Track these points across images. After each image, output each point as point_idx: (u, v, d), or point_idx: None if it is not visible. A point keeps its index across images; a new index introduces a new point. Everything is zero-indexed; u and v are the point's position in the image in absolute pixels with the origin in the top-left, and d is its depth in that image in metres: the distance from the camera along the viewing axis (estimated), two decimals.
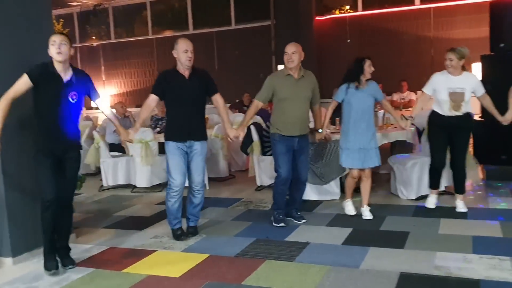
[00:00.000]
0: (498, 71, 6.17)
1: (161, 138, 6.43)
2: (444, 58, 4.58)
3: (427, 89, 4.72)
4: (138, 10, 13.59)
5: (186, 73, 4.10)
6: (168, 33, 13.36)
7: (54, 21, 14.41)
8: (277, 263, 3.59)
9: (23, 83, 3.36)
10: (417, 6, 10.65)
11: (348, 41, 11.16)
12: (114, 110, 5.70)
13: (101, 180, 6.84)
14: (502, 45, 6.19)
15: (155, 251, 4.00)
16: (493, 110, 4.65)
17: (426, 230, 4.22)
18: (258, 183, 6.26)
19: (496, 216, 4.51)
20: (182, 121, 4.11)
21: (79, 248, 4.10)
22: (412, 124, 5.30)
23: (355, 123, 4.50)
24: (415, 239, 4.00)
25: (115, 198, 6.21)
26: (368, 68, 4.48)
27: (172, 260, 3.77)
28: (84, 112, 4.13)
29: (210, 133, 6.51)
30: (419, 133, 5.86)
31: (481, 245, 3.75)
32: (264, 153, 6.17)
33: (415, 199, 5.25)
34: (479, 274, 3.20)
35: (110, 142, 7.14)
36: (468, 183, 5.67)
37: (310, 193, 5.46)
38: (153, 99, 4.14)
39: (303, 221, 4.60)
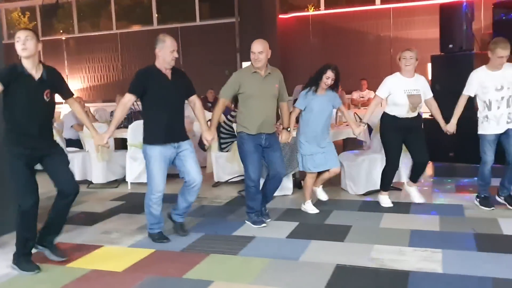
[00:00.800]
0: (447, 71, 6.43)
1: (124, 133, 6.47)
2: (399, 58, 4.63)
3: (382, 92, 4.73)
4: (102, 4, 13.45)
5: (168, 73, 3.97)
6: (133, 28, 13.27)
7: (20, 14, 14.19)
8: (221, 256, 3.68)
9: None
10: (378, 6, 10.90)
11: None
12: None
13: None
14: (450, 46, 6.45)
15: (101, 246, 4.03)
16: (438, 115, 4.80)
17: (368, 224, 4.38)
18: (215, 179, 6.34)
19: (436, 211, 4.71)
20: (169, 123, 3.96)
21: None
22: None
23: (316, 127, 4.62)
24: (356, 232, 4.15)
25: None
26: (326, 79, 4.55)
27: (118, 255, 3.82)
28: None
29: None
30: (370, 130, 6.05)
31: (417, 238, 3.92)
32: (221, 149, 6.24)
33: (363, 194, 5.43)
34: (410, 266, 3.36)
35: (67, 138, 7.10)
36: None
37: None
38: (130, 99, 3.95)
39: (269, 219, 4.58)
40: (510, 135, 4.48)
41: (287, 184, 5.64)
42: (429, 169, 6.52)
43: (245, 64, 10.94)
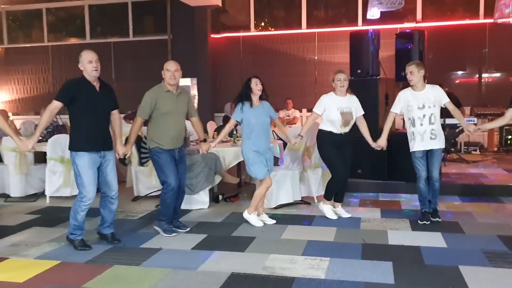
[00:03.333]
0: (356, 94, 6.95)
1: (44, 146, 6.47)
2: (333, 80, 5.12)
3: (318, 109, 5.15)
4: (34, 16, 13.24)
5: (96, 85, 4.20)
6: (65, 41, 13.14)
7: None
8: (123, 267, 3.86)
9: None
10: (304, 30, 11.49)
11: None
12: None
13: None
14: (359, 71, 6.99)
15: (7, 258, 4.10)
16: (366, 133, 5.28)
17: (271, 235, 4.71)
18: (135, 193, 6.48)
19: (335, 223, 5.12)
20: (95, 132, 4.19)
21: None
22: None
23: (258, 137, 4.90)
24: (258, 243, 4.46)
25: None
26: (255, 86, 4.86)
27: (22, 266, 3.90)
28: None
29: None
30: (285, 146, 6.43)
31: (311, 248, 4.28)
32: (141, 164, 6.41)
33: (274, 208, 5.77)
34: (298, 273, 3.69)
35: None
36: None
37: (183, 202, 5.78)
38: (57, 106, 4.13)
39: (188, 229, 4.87)
40: (433, 154, 5.00)
41: (203, 198, 5.89)
42: None
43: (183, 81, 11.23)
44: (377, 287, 3.42)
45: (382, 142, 5.20)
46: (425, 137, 4.95)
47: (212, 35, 11.79)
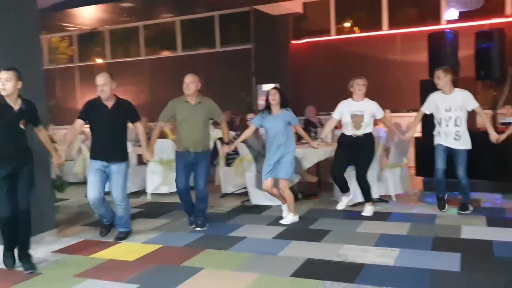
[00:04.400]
0: None
1: (139, 150, 7.38)
2: (352, 85, 5.56)
3: (335, 114, 5.68)
4: (132, 33, 14.58)
5: (108, 104, 4.74)
6: (158, 55, 14.34)
7: (60, 39, 15.50)
8: (214, 251, 4.46)
9: None
10: (385, 31, 11.60)
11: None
12: None
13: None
14: None
15: (119, 242, 4.88)
16: (393, 128, 5.83)
17: (346, 229, 5.08)
18: (223, 191, 7.14)
19: (412, 219, 5.36)
20: (101, 144, 4.75)
21: (60, 240, 5.01)
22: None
23: (271, 142, 5.33)
24: (334, 235, 4.86)
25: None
26: (270, 97, 5.33)
27: (132, 249, 4.64)
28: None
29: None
30: None
31: (384, 240, 4.60)
32: (228, 164, 7.05)
33: (352, 205, 6.09)
34: (368, 260, 4.05)
35: None
36: (403, 193, 6.57)
37: (264, 199, 6.32)
38: (78, 123, 4.79)
39: (204, 228, 5.24)
40: (457, 155, 5.46)
41: None
42: (419, 183, 7.13)
43: (260, 87, 11.84)
44: (442, 274, 3.68)
45: (406, 138, 5.86)
46: (449, 138, 5.42)
47: (293, 41, 12.28)
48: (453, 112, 5.37)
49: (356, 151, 5.55)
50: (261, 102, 11.62)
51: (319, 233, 4.94)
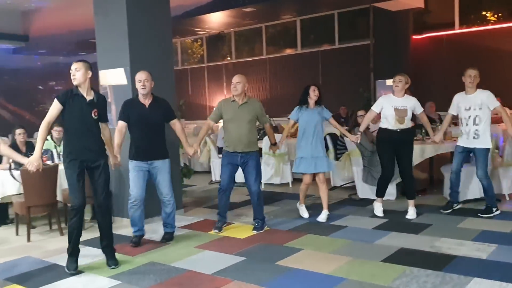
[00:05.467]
0: None
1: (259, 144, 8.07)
2: (393, 81, 5.66)
3: (375, 107, 5.73)
4: (255, 34, 15.50)
5: (146, 102, 4.73)
6: (279, 53, 15.05)
7: (191, 41, 17.06)
8: (315, 236, 4.91)
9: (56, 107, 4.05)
10: None
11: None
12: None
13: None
14: None
15: (233, 223, 5.58)
16: (428, 127, 5.85)
17: (447, 224, 5.17)
18: (332, 184, 7.51)
19: None
20: (142, 143, 4.72)
21: (185, 218, 5.84)
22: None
23: (306, 135, 5.50)
24: (433, 229, 5.00)
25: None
26: (312, 92, 5.53)
27: (243, 229, 5.29)
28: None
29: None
30: None
31: (483, 236, 4.64)
32: (337, 158, 7.41)
33: (461, 202, 6.07)
34: (461, 252, 4.17)
35: (220, 146, 8.94)
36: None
37: (371, 193, 6.56)
38: (121, 125, 4.75)
39: (261, 231, 5.18)
40: (476, 154, 5.53)
41: (390, 191, 6.54)
42: None
43: (379, 83, 11.87)
44: None
45: (437, 138, 5.76)
46: (470, 136, 5.47)
47: (414, 36, 12.10)
48: (472, 111, 5.44)
49: (398, 148, 5.59)
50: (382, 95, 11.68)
51: (420, 226, 5.11)
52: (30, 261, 4.51)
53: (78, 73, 4.02)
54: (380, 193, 5.82)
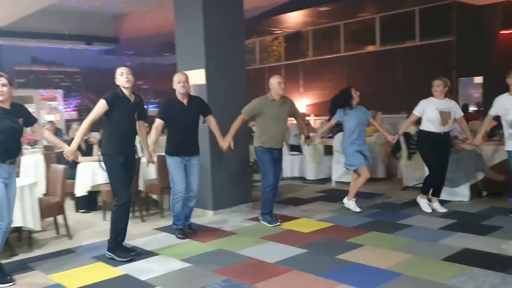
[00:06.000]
0: None
1: (329, 141, 8.22)
2: (432, 85, 5.82)
3: (416, 111, 5.83)
4: (333, 31, 15.49)
5: (184, 101, 5.00)
6: (357, 51, 14.92)
7: (271, 39, 17.43)
8: (378, 233, 4.98)
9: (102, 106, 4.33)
10: None
11: None
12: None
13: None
14: None
15: (299, 218, 5.78)
16: (467, 132, 5.87)
17: None
18: (404, 184, 7.45)
19: None
20: (181, 140, 4.97)
21: (253, 211, 6.14)
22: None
23: (356, 134, 5.83)
24: (504, 231, 4.86)
25: (288, 185, 8.17)
26: (355, 94, 5.86)
27: (308, 224, 5.48)
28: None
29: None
30: None
31: None
32: (409, 158, 7.34)
33: None
34: None
35: (291, 144, 9.16)
36: None
37: (444, 194, 6.41)
38: (159, 123, 5.01)
39: (278, 223, 5.47)
40: None
41: (463, 191, 6.40)
42: None
43: (461, 81, 11.43)
44: None
45: (477, 141, 5.75)
46: None
47: (502, 32, 11.51)
48: None
49: (440, 149, 5.70)
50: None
51: (488, 228, 4.99)
52: None
53: (130, 76, 4.37)
54: (425, 190, 5.95)
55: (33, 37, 13.49)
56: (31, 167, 7.58)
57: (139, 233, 5.34)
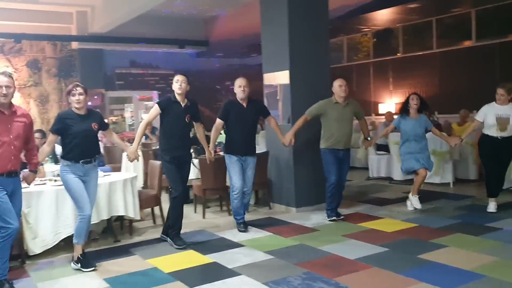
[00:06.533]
0: None
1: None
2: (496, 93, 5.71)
3: (478, 116, 5.87)
4: (424, 27, 14.96)
5: (244, 103, 5.34)
6: (451, 47, 14.29)
7: (360, 36, 17.24)
8: (464, 235, 4.88)
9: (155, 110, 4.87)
10: None
11: None
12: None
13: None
14: None
15: (383, 218, 5.80)
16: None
17: None
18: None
19: None
20: (238, 140, 5.31)
21: (340, 210, 6.08)
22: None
23: (409, 143, 5.98)
24: None
25: (375, 186, 8.15)
26: (412, 101, 5.99)
27: (392, 223, 5.49)
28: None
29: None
30: None
31: None
32: None
33: None
34: None
35: (378, 143, 9.08)
36: None
37: None
38: (219, 123, 5.41)
39: (342, 217, 5.75)
40: None
41: None
42: None
43: None
44: None
45: None
46: None
47: None
48: None
49: (499, 152, 5.71)
50: None
51: None
52: (204, 233, 5.41)
53: (184, 85, 4.80)
54: (491, 193, 5.89)
55: (132, 42, 14.55)
56: (131, 163, 8.24)
57: (227, 224, 5.69)
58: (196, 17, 13.88)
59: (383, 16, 13.32)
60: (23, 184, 4.12)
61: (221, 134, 6.40)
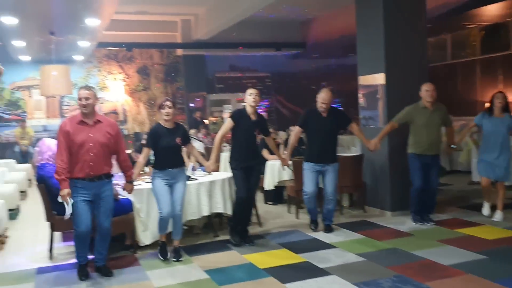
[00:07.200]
0: None
1: None
2: None
3: None
4: None
5: (324, 113, 5.39)
6: None
7: (463, 33, 16.33)
8: None
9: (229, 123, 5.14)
10: None
11: None
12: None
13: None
14: None
15: (483, 224, 5.57)
16: None
17: None
18: None
19: None
20: (318, 148, 5.39)
21: (436, 216, 5.96)
22: None
23: (489, 143, 5.70)
24: None
25: (476, 190, 7.68)
26: (496, 99, 5.68)
27: (492, 231, 5.29)
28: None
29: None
30: None
31: None
32: None
33: None
34: None
35: None
36: None
37: None
38: (298, 130, 5.56)
39: (432, 223, 5.63)
40: None
41: None
42: None
43: None
44: None
45: None
46: None
47: None
48: None
49: None
50: None
51: None
52: (297, 233, 5.60)
53: (257, 97, 5.10)
54: None
55: (231, 47, 15.19)
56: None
57: (320, 226, 5.82)
58: (293, 20, 14.11)
59: (491, 11, 12.55)
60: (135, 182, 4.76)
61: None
